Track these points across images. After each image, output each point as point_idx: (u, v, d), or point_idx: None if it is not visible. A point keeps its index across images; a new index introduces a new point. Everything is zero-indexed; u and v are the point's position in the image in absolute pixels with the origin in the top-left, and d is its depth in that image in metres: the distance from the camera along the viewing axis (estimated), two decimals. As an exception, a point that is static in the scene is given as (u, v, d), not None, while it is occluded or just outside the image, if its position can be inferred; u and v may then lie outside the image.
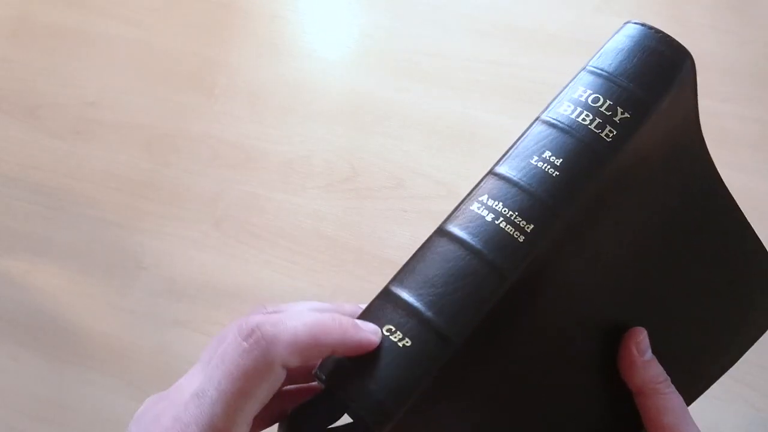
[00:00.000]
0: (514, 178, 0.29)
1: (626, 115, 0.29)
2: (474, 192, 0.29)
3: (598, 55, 0.31)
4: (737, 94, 0.84)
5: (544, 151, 0.29)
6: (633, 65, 0.30)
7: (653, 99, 0.29)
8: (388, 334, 0.27)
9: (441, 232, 0.29)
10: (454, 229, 0.28)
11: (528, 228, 0.27)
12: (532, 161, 0.29)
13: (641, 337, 0.32)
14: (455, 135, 0.83)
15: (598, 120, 0.29)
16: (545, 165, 0.29)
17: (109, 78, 0.90)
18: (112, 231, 0.79)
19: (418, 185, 0.79)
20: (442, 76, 0.89)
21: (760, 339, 0.40)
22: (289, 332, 0.25)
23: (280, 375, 0.25)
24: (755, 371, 0.66)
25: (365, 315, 0.28)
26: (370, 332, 0.26)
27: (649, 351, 0.32)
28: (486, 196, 0.29)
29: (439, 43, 0.91)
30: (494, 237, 0.28)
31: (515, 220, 0.28)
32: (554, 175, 0.28)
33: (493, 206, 0.28)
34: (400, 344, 0.26)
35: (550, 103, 0.31)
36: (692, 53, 0.31)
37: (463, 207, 0.29)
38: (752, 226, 0.37)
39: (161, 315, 0.76)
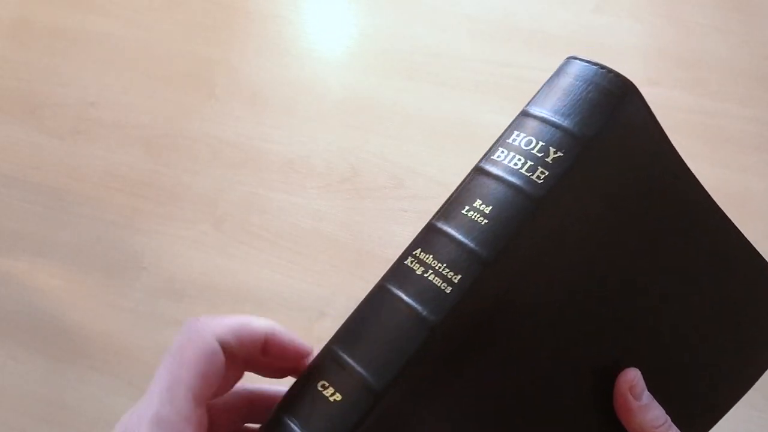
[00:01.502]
0: (445, 229, 0.29)
1: (559, 154, 0.28)
2: (409, 246, 0.30)
3: (534, 97, 0.31)
4: (737, 94, 0.84)
5: (474, 200, 0.29)
6: (568, 103, 0.29)
7: (589, 135, 0.28)
8: (322, 389, 0.28)
9: (379, 287, 0.30)
10: (388, 283, 0.29)
11: (455, 279, 0.28)
12: (463, 211, 0.29)
13: (635, 380, 0.31)
14: (455, 135, 0.83)
15: (529, 163, 0.29)
16: (475, 214, 0.29)
17: (109, 78, 0.90)
18: (112, 231, 0.79)
19: (418, 185, 0.79)
20: (442, 76, 0.89)
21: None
22: (224, 317, 0.28)
23: (216, 349, 0.27)
24: (755, 371, 0.66)
25: (308, 369, 0.30)
26: (301, 343, 0.29)
27: (645, 393, 0.31)
28: (419, 250, 0.29)
29: (439, 43, 0.91)
30: (422, 290, 0.28)
31: (443, 272, 0.28)
32: (483, 223, 0.28)
33: (424, 259, 0.29)
34: (330, 399, 0.28)
35: (486, 152, 0.30)
36: (692, 53, 0.30)
37: (398, 261, 0.30)
38: (752, 226, 0.37)
39: (161, 315, 0.76)
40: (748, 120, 0.82)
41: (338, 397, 0.28)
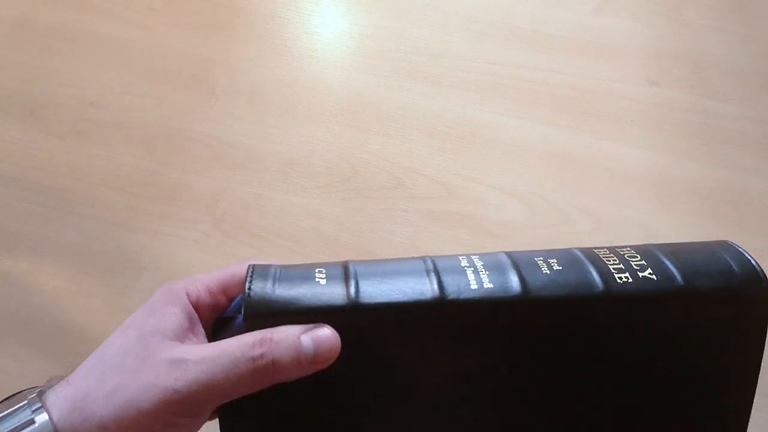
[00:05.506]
0: (512, 256, 0.31)
1: (652, 276, 0.29)
2: (474, 253, 0.33)
3: (672, 243, 0.32)
4: (737, 94, 0.84)
5: (552, 258, 0.31)
6: (693, 255, 0.30)
7: (691, 284, 0.29)
8: (318, 273, 0.31)
9: (423, 255, 0.33)
10: (433, 256, 0.32)
11: (486, 284, 0.30)
12: (536, 258, 0.31)
13: None
14: (455, 135, 0.83)
15: (621, 266, 0.30)
16: (544, 264, 0.31)
17: (109, 78, 0.90)
18: (112, 231, 0.79)
19: (418, 185, 0.79)
20: (442, 76, 0.89)
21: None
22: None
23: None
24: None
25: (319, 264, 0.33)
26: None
27: None
28: (477, 256, 0.32)
29: (439, 43, 0.91)
30: (454, 273, 0.30)
31: (481, 274, 0.30)
32: (544, 271, 0.30)
33: (475, 261, 0.31)
34: (317, 279, 0.31)
35: (596, 247, 0.32)
36: (692, 53, 0.30)
37: (456, 255, 0.32)
38: (752, 226, 0.37)
39: (161, 315, 0.75)
40: (748, 120, 0.82)
41: (323, 281, 0.30)
